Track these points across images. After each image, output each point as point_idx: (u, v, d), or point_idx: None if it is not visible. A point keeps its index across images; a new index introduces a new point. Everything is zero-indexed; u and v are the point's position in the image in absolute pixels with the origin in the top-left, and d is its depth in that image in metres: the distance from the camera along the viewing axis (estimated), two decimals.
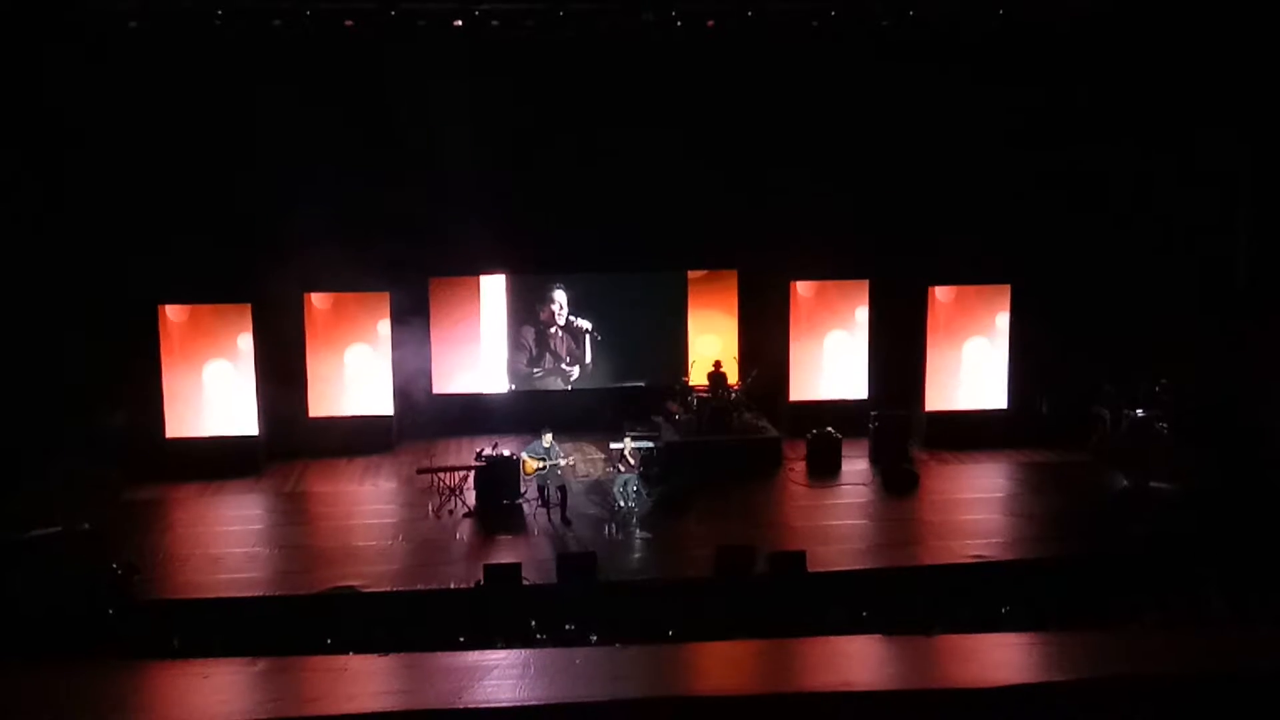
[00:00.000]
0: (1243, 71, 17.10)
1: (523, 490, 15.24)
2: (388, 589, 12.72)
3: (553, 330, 18.83)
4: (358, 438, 17.60)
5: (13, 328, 16.05)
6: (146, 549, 13.91)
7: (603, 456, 16.12)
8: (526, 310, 18.77)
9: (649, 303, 19.06)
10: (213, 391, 16.96)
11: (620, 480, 15.08)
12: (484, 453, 15.44)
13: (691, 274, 19.08)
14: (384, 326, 17.83)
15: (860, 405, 18.03)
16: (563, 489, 14.98)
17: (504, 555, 13.63)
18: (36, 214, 16.40)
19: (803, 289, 18.52)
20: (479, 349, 18.71)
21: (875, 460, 17.08)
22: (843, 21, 17.16)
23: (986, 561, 13.40)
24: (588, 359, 18.83)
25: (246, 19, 16.23)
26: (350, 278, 17.65)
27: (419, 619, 11.59)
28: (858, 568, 13.38)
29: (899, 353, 18.18)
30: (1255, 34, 16.79)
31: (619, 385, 18.82)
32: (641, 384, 18.82)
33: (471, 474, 15.37)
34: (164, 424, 16.80)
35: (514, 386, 18.75)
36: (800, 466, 16.93)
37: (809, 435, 17.04)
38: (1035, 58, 17.59)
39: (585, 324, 18.78)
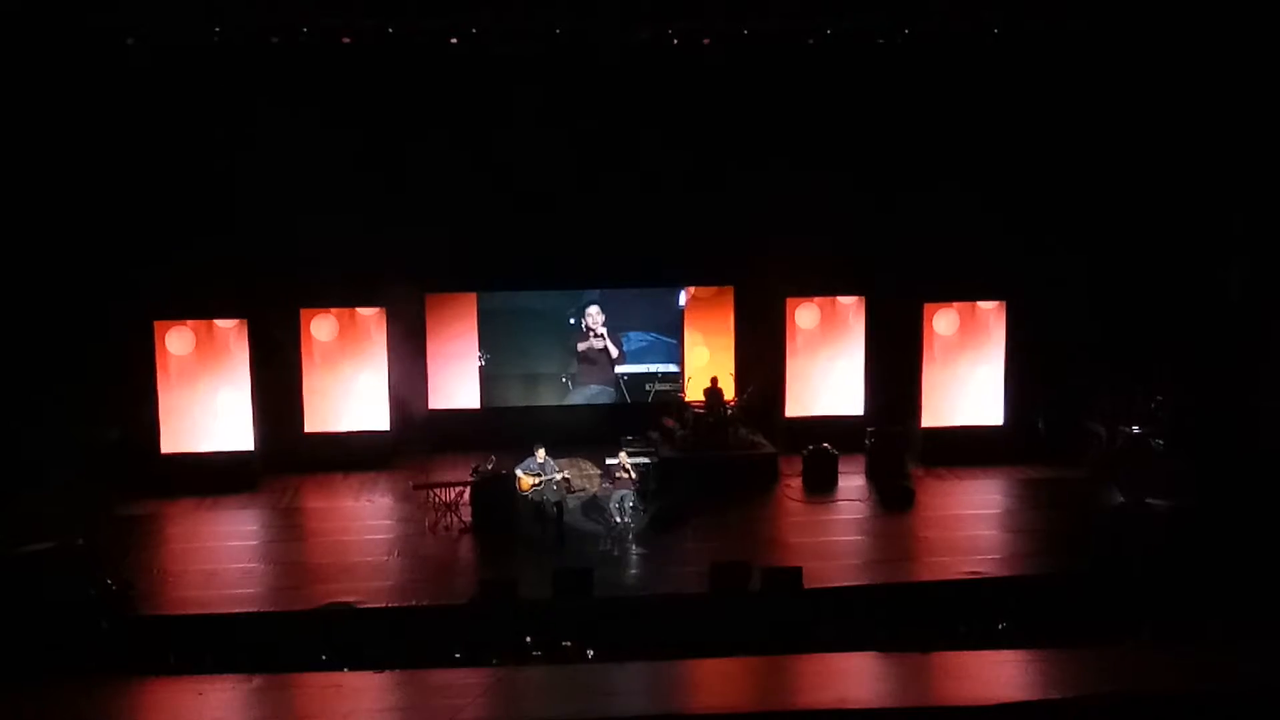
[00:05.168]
0: (1234, 83, 17.16)
1: (518, 506, 15.22)
2: (383, 605, 12.68)
3: (596, 344, 18.99)
4: (353, 453, 17.58)
5: (9, 343, 16.03)
6: (141, 564, 13.88)
7: (599, 472, 16.10)
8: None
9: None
10: (209, 407, 16.93)
11: (616, 496, 15.08)
12: (479, 468, 15.44)
13: (689, 290, 19.17)
14: (380, 342, 17.83)
15: (857, 421, 18.03)
16: (559, 504, 14.97)
17: (499, 571, 13.61)
18: (35, 229, 16.39)
19: (799, 305, 18.53)
20: (474, 365, 18.73)
21: (871, 476, 17.07)
22: (839, 39, 17.23)
23: (983, 578, 13.38)
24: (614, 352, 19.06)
25: (244, 36, 16.28)
26: (346, 294, 17.68)
27: (414, 635, 11.55)
28: (854, 584, 13.35)
29: (895, 369, 18.20)
30: (1246, 45, 16.85)
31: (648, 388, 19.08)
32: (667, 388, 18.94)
33: (467, 489, 15.35)
34: (159, 439, 16.77)
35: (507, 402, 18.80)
36: (796, 482, 16.92)
37: (805, 451, 17.02)
38: (1030, 74, 17.66)
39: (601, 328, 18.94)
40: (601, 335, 18.92)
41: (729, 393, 17.84)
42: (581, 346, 18.97)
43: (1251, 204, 18.00)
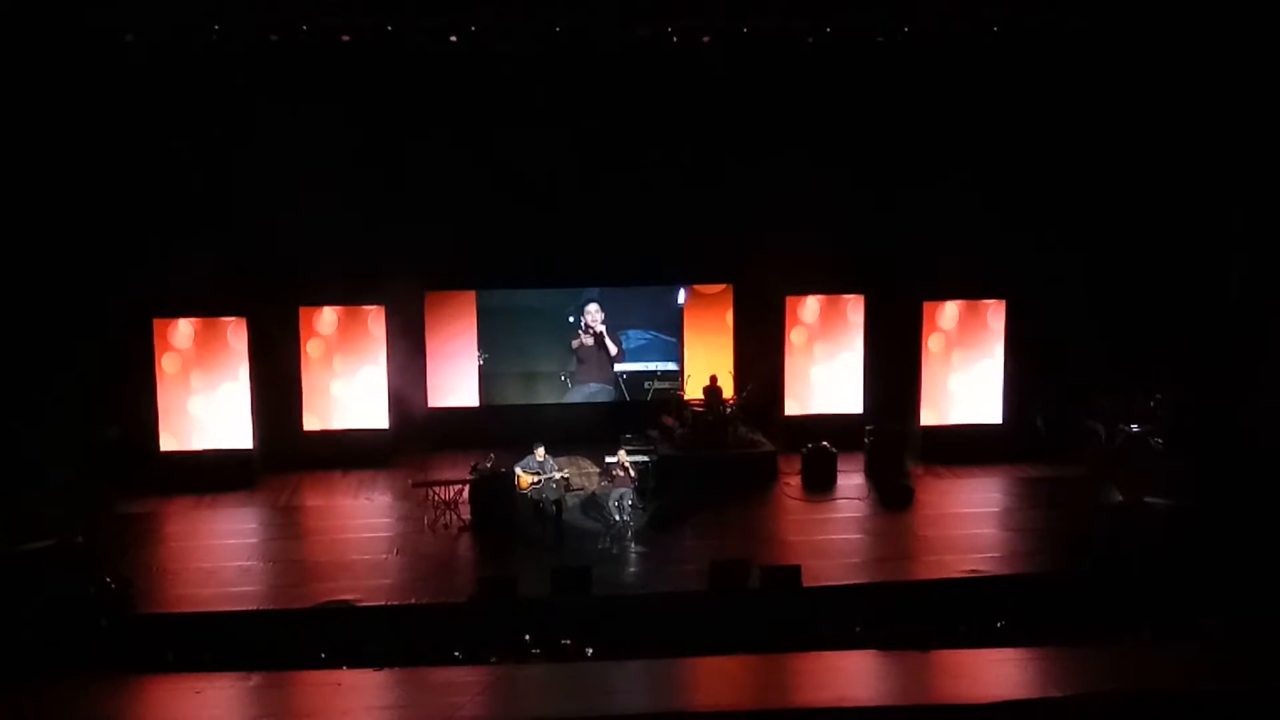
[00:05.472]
0: (1234, 82, 17.17)
1: (517, 504, 15.22)
2: (382, 603, 12.69)
3: (587, 341, 18.99)
4: (353, 451, 17.57)
5: (7, 341, 16.02)
6: (140, 562, 13.88)
7: (598, 470, 16.09)
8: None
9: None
10: (207, 405, 16.93)
11: (615, 494, 15.07)
12: (478, 466, 15.44)
13: (688, 289, 19.17)
14: (379, 340, 17.82)
15: (856, 419, 18.03)
16: (558, 503, 14.97)
17: (499, 569, 13.61)
18: (34, 226, 16.38)
19: (798, 303, 18.54)
20: (474, 363, 18.73)
21: (870, 474, 17.07)
22: (838, 37, 17.23)
23: (981, 576, 13.39)
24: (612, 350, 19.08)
25: (243, 33, 16.26)
26: (345, 291, 17.68)
27: (413, 633, 11.55)
28: (853, 582, 13.35)
29: (894, 367, 18.20)
30: (1246, 44, 16.86)
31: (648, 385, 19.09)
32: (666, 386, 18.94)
33: (466, 488, 15.35)
34: (158, 437, 16.77)
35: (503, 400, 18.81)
36: (795, 481, 16.92)
37: (804, 449, 17.03)
38: (1029, 72, 17.66)
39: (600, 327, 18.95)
40: (593, 332, 18.90)
41: (728, 391, 17.85)
42: (574, 344, 18.98)
43: (1251, 202, 18.01)
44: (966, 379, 18.17)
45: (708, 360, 18.55)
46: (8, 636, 10.80)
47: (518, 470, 15.15)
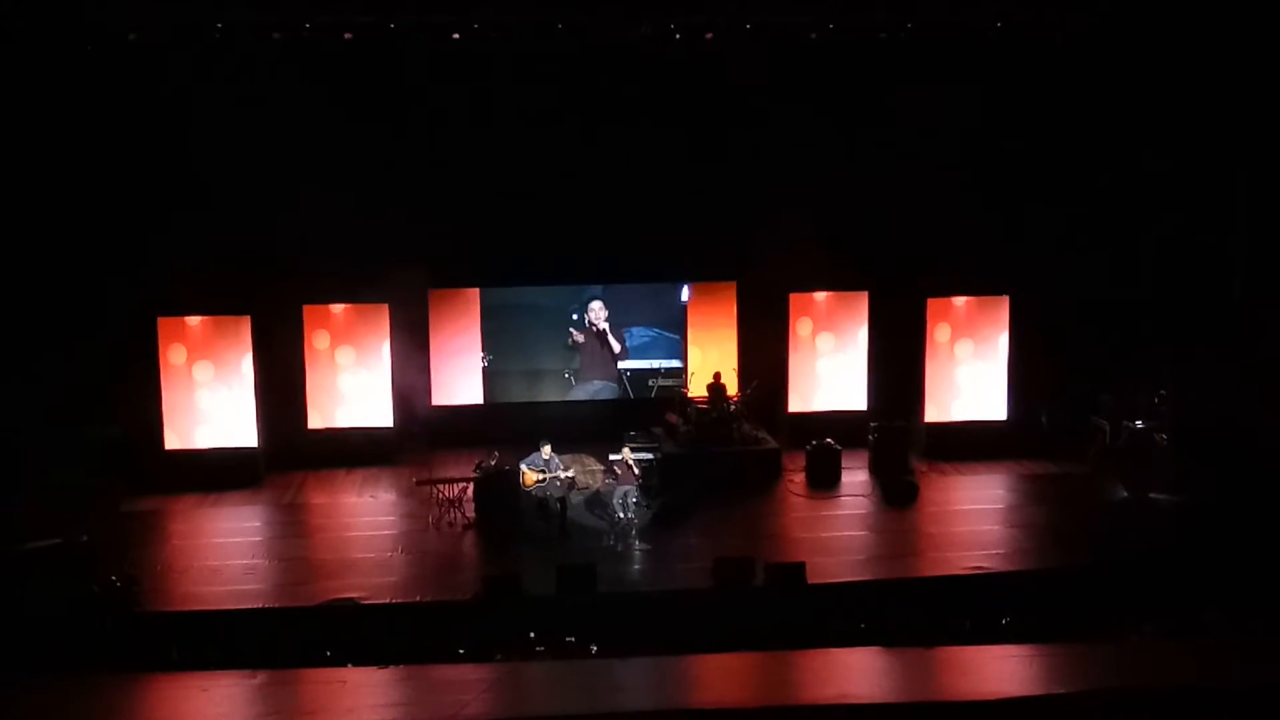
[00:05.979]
0: (1239, 82, 17.14)
1: (521, 502, 15.23)
2: (387, 601, 12.71)
3: (589, 338, 18.97)
4: (357, 449, 17.58)
5: (11, 338, 16.04)
6: (145, 561, 13.89)
7: (602, 468, 16.09)
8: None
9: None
10: (212, 403, 16.95)
11: (620, 492, 15.07)
12: (483, 464, 15.44)
13: (692, 286, 19.16)
14: (383, 338, 17.83)
15: (860, 416, 18.03)
16: (562, 500, 14.98)
17: (503, 566, 13.62)
18: (37, 223, 16.40)
19: (802, 301, 18.53)
20: (478, 360, 18.74)
21: (875, 471, 17.06)
22: (841, 34, 17.21)
23: (986, 573, 13.39)
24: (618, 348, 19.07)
25: (246, 31, 16.27)
26: (349, 289, 17.68)
27: (418, 631, 11.57)
28: (857, 579, 13.36)
29: (898, 364, 18.19)
30: (1251, 46, 16.83)
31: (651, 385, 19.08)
32: (670, 384, 18.94)
33: (470, 485, 15.36)
34: (162, 435, 16.79)
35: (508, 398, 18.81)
36: (800, 478, 16.92)
37: (808, 446, 17.03)
38: (1034, 70, 17.65)
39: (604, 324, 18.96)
40: (594, 330, 18.86)
41: (732, 388, 17.84)
42: (569, 341, 18.94)
43: (1254, 198, 17.97)
44: (970, 375, 18.15)
45: (711, 358, 18.55)
46: (12, 635, 10.83)
47: (522, 467, 15.15)
